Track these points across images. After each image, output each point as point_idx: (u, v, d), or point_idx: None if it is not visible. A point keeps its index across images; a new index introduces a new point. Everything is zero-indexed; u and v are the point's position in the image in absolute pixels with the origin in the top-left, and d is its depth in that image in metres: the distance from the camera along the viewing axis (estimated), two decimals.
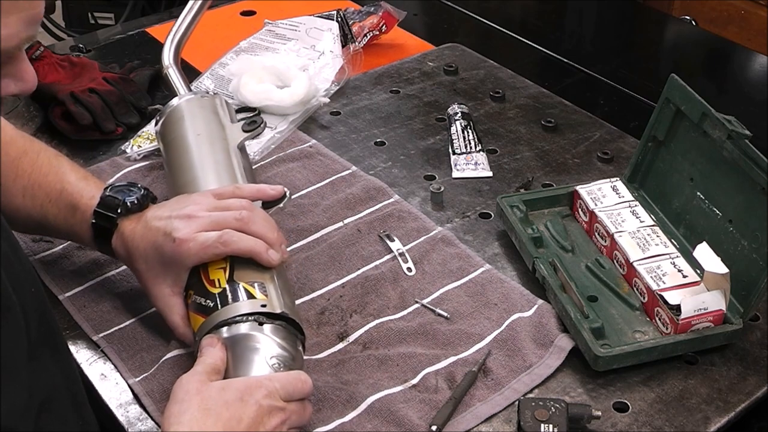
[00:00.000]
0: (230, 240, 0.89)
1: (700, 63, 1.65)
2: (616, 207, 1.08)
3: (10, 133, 0.99)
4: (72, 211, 0.96)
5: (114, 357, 0.94)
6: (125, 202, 0.95)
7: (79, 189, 0.97)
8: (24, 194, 0.96)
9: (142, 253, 0.92)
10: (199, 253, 0.89)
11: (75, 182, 0.97)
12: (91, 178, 1.00)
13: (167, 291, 0.91)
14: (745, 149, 0.95)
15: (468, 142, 1.27)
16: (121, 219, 0.94)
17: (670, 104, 1.06)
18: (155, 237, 0.91)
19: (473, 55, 1.53)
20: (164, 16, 1.73)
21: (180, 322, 0.91)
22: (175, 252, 0.89)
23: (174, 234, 0.89)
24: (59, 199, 0.96)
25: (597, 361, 0.92)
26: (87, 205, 0.96)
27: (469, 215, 1.16)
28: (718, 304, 0.93)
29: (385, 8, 1.53)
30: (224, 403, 0.76)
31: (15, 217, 0.97)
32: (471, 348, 0.95)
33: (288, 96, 1.31)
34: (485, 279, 1.04)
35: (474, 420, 0.88)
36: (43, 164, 0.97)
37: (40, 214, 0.97)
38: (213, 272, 0.90)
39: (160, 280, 0.91)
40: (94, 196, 0.96)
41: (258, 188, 0.99)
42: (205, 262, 0.90)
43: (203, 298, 0.89)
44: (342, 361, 0.93)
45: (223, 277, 0.89)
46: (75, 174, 0.98)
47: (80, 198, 0.96)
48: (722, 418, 0.89)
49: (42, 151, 0.99)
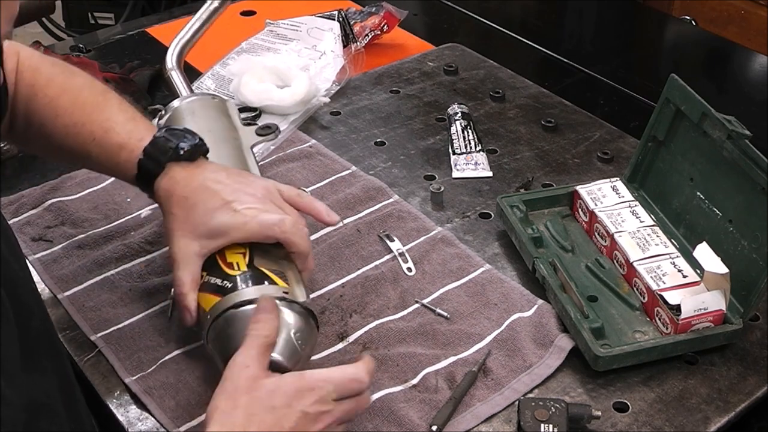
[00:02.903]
0: (288, 230, 0.89)
1: (700, 63, 1.65)
2: (616, 207, 1.08)
3: (46, 72, 0.97)
4: (118, 150, 0.94)
5: (112, 357, 0.94)
6: (178, 147, 0.93)
7: (127, 130, 0.95)
8: (66, 133, 0.95)
9: (186, 204, 0.90)
10: (254, 230, 0.88)
11: (123, 123, 0.95)
12: (141, 119, 0.98)
13: (194, 247, 0.89)
14: (745, 149, 0.95)
15: (468, 142, 1.27)
16: (171, 163, 0.93)
17: (670, 104, 1.06)
18: (210, 198, 0.90)
19: (473, 55, 1.53)
20: (164, 16, 1.73)
21: (188, 281, 0.88)
22: (230, 221, 0.88)
23: (235, 205, 0.89)
24: (104, 138, 0.94)
25: (597, 361, 0.92)
26: (135, 146, 0.93)
27: (469, 215, 1.16)
28: (718, 304, 0.93)
29: (386, 8, 1.54)
30: (271, 408, 0.75)
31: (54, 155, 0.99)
32: (471, 348, 0.95)
33: (288, 96, 1.31)
34: (485, 279, 1.04)
35: (474, 420, 0.88)
36: (87, 102, 0.96)
37: (82, 152, 0.95)
38: (231, 256, 0.89)
39: (191, 236, 0.89)
40: (143, 138, 0.94)
41: (318, 206, 0.97)
42: (254, 240, 0.89)
43: (219, 279, 0.88)
44: (342, 362, 0.93)
45: (243, 262, 0.88)
46: (123, 114, 0.97)
47: (128, 138, 0.94)
48: (722, 418, 0.89)
49: (85, 87, 0.98)
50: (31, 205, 1.15)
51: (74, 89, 0.97)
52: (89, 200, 1.16)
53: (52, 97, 0.96)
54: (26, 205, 1.15)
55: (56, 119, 0.95)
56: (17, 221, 1.12)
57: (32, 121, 0.96)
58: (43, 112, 0.95)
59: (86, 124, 0.95)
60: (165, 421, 0.87)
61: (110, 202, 1.16)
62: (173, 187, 0.92)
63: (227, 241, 0.89)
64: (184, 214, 0.90)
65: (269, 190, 0.93)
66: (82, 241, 1.09)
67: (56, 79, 0.97)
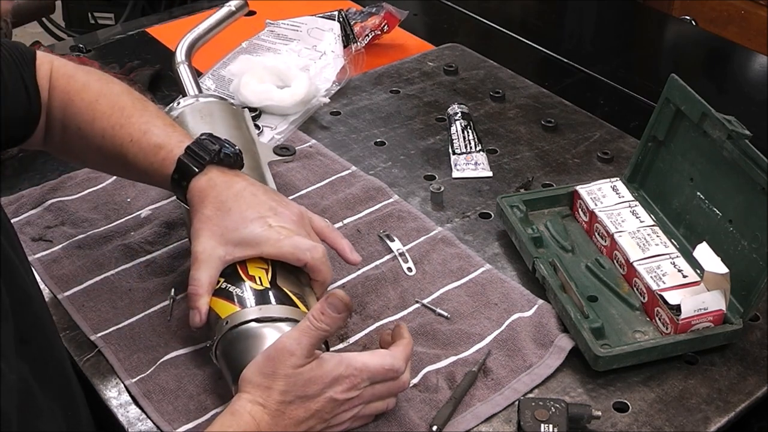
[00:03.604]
0: (319, 258, 0.89)
1: (700, 63, 1.65)
2: (616, 207, 1.08)
3: (81, 79, 0.98)
4: (156, 149, 0.94)
5: (111, 357, 0.94)
6: (221, 151, 0.93)
7: (166, 133, 0.96)
8: (103, 135, 0.96)
9: (222, 207, 0.90)
10: (286, 250, 0.89)
11: (162, 126, 0.96)
12: (178, 127, 0.99)
13: (219, 252, 0.88)
14: (745, 149, 0.95)
15: (468, 142, 1.27)
16: (211, 165, 0.93)
17: (670, 104, 1.06)
18: (247, 208, 0.90)
19: (473, 55, 1.53)
20: (164, 16, 1.73)
21: (205, 282, 0.88)
22: (264, 234, 0.89)
23: (271, 221, 0.89)
24: (142, 138, 0.95)
25: (597, 361, 0.92)
26: (175, 146, 0.94)
27: (469, 215, 1.16)
28: (718, 304, 0.93)
29: (386, 9, 1.53)
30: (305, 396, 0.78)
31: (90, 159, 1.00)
32: (471, 348, 0.95)
33: (288, 96, 1.31)
34: (485, 279, 1.04)
35: (474, 420, 0.88)
36: (126, 106, 0.97)
37: (119, 154, 0.96)
38: (253, 270, 0.89)
39: (219, 239, 0.89)
40: (183, 141, 0.94)
41: (343, 243, 0.97)
42: (282, 260, 0.89)
43: (239, 289, 0.87)
44: None
45: (265, 278, 0.88)
46: (162, 120, 0.98)
47: (167, 140, 0.95)
48: (722, 418, 0.89)
49: (124, 93, 0.99)
50: (31, 205, 1.15)
51: (112, 94, 0.98)
52: (89, 200, 1.16)
53: (90, 101, 0.97)
54: (26, 205, 1.15)
55: (94, 122, 0.96)
56: (17, 221, 1.12)
57: (69, 127, 0.97)
58: (80, 117, 0.96)
59: (124, 126, 0.95)
60: (162, 425, 0.87)
61: (110, 202, 1.16)
62: (210, 189, 0.91)
63: (256, 254, 0.89)
64: (217, 217, 0.90)
65: (302, 216, 0.94)
66: (82, 241, 1.09)
67: (92, 85, 0.98)
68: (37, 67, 0.97)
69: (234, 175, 0.94)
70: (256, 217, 0.90)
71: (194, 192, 0.92)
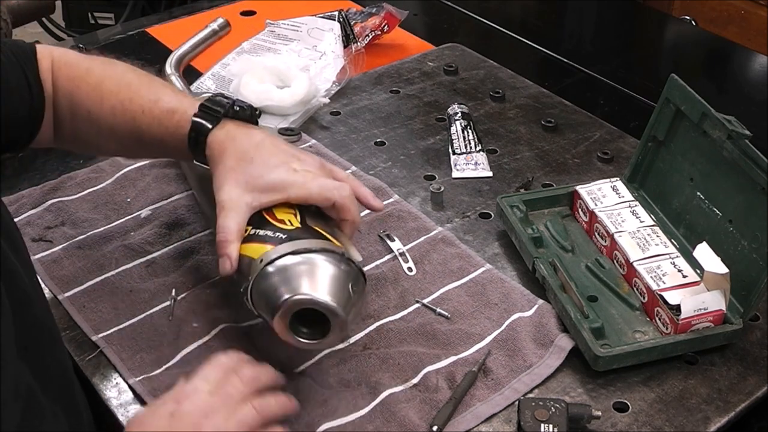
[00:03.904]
0: (347, 196, 0.89)
1: (700, 63, 1.65)
2: (616, 207, 1.08)
3: (84, 65, 0.98)
4: (169, 114, 0.94)
5: (113, 357, 0.94)
6: (235, 104, 0.93)
7: (178, 98, 0.95)
8: (114, 113, 0.95)
9: (245, 157, 0.89)
10: (314, 191, 0.88)
11: (171, 94, 0.96)
12: (188, 95, 0.99)
13: (246, 198, 0.87)
14: (745, 149, 0.95)
15: (468, 142, 1.27)
16: (227, 120, 0.92)
17: (670, 104, 1.06)
18: (270, 156, 0.89)
19: (473, 55, 1.53)
20: (164, 16, 1.73)
21: (234, 229, 0.86)
22: (291, 178, 0.88)
23: (295, 165, 0.89)
24: (154, 107, 0.94)
25: (597, 361, 0.92)
26: (188, 108, 0.93)
27: (469, 215, 1.16)
28: (718, 304, 0.93)
29: (386, 9, 1.53)
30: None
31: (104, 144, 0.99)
32: (471, 348, 0.95)
33: (288, 96, 1.31)
34: (485, 279, 1.04)
35: (474, 420, 0.88)
36: (132, 82, 0.97)
37: (132, 128, 0.95)
38: (281, 214, 0.88)
39: (245, 187, 0.88)
40: (195, 104, 0.94)
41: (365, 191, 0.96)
42: (310, 202, 0.89)
43: (271, 231, 0.86)
44: (343, 360, 0.93)
45: (295, 220, 0.88)
46: (170, 89, 0.98)
47: (179, 104, 0.94)
48: (722, 418, 0.89)
49: (128, 71, 0.99)
50: (31, 205, 1.15)
51: (116, 74, 0.98)
52: (89, 200, 1.16)
53: (95, 84, 0.96)
54: (26, 205, 1.15)
55: (102, 103, 0.96)
56: (17, 221, 1.11)
57: (78, 113, 0.97)
58: (88, 101, 0.96)
59: (134, 99, 0.95)
60: None
61: (110, 202, 1.16)
62: (229, 142, 0.91)
63: (283, 198, 0.88)
64: (240, 167, 0.89)
65: (324, 164, 0.94)
66: (82, 242, 1.09)
67: (96, 68, 0.98)
68: (39, 62, 0.96)
69: (251, 128, 0.93)
70: (279, 163, 0.89)
71: (213, 146, 0.91)
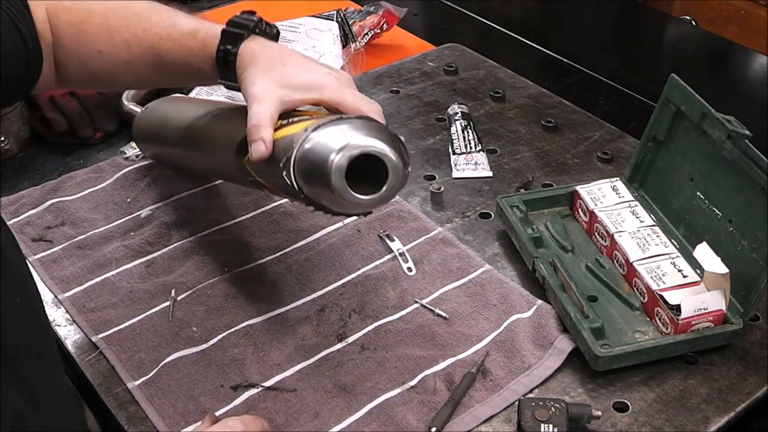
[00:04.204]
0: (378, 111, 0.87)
1: (700, 63, 1.65)
2: (616, 207, 1.08)
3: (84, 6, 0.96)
4: (192, 35, 0.92)
5: (113, 358, 0.94)
6: (261, 21, 0.92)
7: (196, 20, 0.94)
8: (128, 46, 0.94)
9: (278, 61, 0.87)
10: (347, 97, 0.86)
11: (187, 17, 0.94)
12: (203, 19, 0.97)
13: (279, 92, 0.85)
14: (745, 149, 0.95)
15: (468, 142, 1.27)
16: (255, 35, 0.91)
17: (670, 104, 1.06)
18: (303, 62, 0.89)
19: (473, 55, 1.53)
20: None
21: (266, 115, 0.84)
22: (324, 79, 0.87)
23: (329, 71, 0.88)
24: (173, 32, 0.93)
25: (597, 361, 0.92)
26: (210, 26, 0.92)
27: (469, 215, 1.16)
28: (718, 304, 0.93)
29: (385, 7, 1.54)
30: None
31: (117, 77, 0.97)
32: (469, 349, 0.95)
33: None
34: (485, 279, 1.04)
35: (473, 421, 0.88)
36: (140, 12, 0.95)
37: (150, 57, 0.94)
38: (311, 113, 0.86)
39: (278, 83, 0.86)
40: (215, 24, 0.92)
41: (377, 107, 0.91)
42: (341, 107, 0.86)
43: (306, 116, 0.84)
44: (340, 363, 0.93)
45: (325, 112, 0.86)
46: (181, 13, 0.96)
47: (200, 24, 0.92)
48: (722, 418, 0.89)
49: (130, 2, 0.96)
50: (31, 205, 1.15)
51: (119, 7, 0.95)
52: (89, 200, 1.16)
53: (100, 22, 0.94)
54: (26, 205, 1.15)
55: (113, 39, 0.94)
56: (17, 221, 1.12)
57: (87, 53, 0.95)
58: (97, 41, 0.94)
59: (147, 29, 0.93)
60: (161, 427, 0.87)
61: (110, 202, 1.16)
62: (261, 50, 0.89)
63: (316, 98, 0.87)
64: (272, 68, 0.87)
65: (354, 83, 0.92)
66: (82, 242, 1.09)
67: (96, 8, 0.96)
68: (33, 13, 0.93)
69: (279, 44, 0.92)
70: (313, 67, 0.88)
71: (244, 55, 0.89)
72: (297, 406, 0.88)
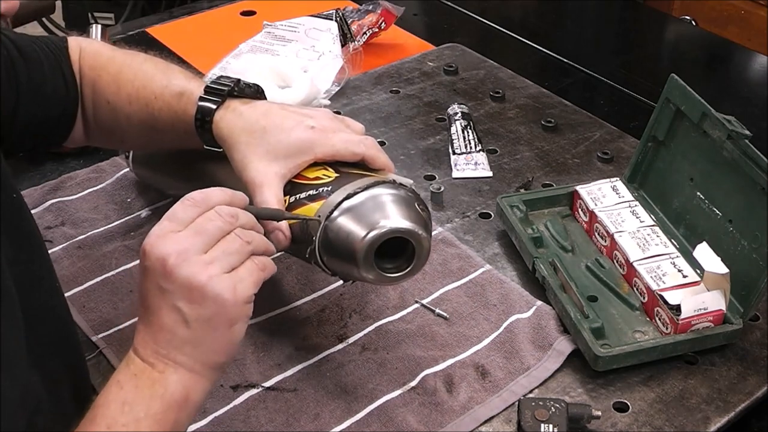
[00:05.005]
0: (373, 145, 0.87)
1: (700, 63, 1.65)
2: (616, 207, 1.08)
3: (107, 54, 0.98)
4: (178, 97, 0.92)
5: (113, 358, 0.94)
6: (240, 82, 0.91)
7: (187, 81, 0.94)
8: (129, 101, 0.95)
9: (256, 127, 0.86)
10: (339, 146, 0.86)
11: (183, 77, 0.95)
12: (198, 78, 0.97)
13: (275, 168, 0.85)
14: (745, 149, 0.95)
15: (468, 142, 1.27)
16: (232, 98, 0.90)
17: (670, 104, 1.06)
18: (283, 119, 0.87)
19: (473, 55, 1.53)
20: (164, 16, 1.73)
21: (275, 202, 0.84)
22: (313, 137, 0.86)
23: (311, 122, 0.87)
24: (165, 92, 0.93)
25: (597, 361, 0.92)
26: (195, 90, 0.92)
27: (469, 215, 1.16)
28: (718, 304, 0.93)
29: (383, 6, 1.53)
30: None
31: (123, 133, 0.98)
32: (469, 350, 0.95)
33: (289, 97, 1.31)
34: (485, 279, 1.04)
35: (473, 423, 0.87)
36: (149, 71, 0.96)
37: (145, 114, 0.94)
38: (313, 172, 0.86)
39: (269, 158, 0.85)
40: (201, 86, 0.92)
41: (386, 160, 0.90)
42: (337, 158, 0.86)
43: (313, 190, 0.83)
44: (341, 364, 0.93)
45: (330, 172, 0.85)
46: (183, 74, 0.96)
47: (187, 85, 0.93)
48: (722, 418, 0.89)
49: (147, 61, 0.98)
50: (31, 205, 1.15)
51: (135, 63, 0.97)
52: (89, 200, 1.16)
53: (115, 73, 0.96)
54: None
55: (119, 91, 0.95)
56: None
57: (99, 103, 0.97)
58: (108, 90, 0.96)
59: (147, 86, 0.94)
60: None
61: (110, 202, 1.16)
62: (236, 119, 0.88)
63: (310, 159, 0.86)
64: (255, 140, 0.86)
65: (334, 115, 0.91)
66: (82, 242, 1.09)
67: (117, 58, 0.98)
68: (70, 55, 0.97)
69: (256, 102, 0.91)
70: (294, 124, 0.87)
71: (221, 126, 0.89)
72: (297, 406, 0.88)
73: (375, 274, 0.80)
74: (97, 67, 0.97)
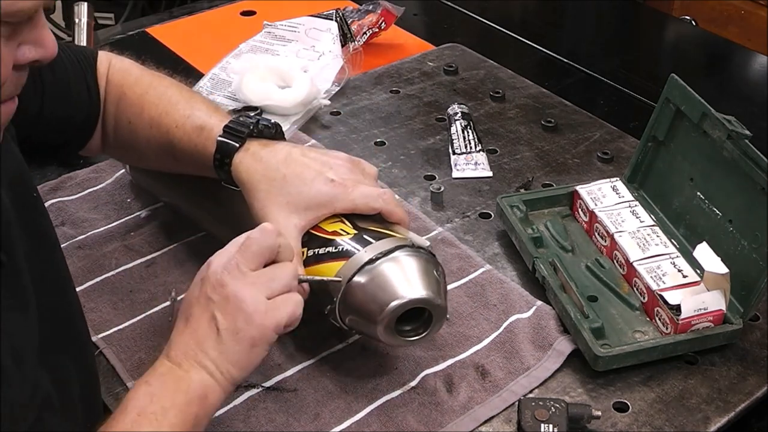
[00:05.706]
0: (390, 200, 0.88)
1: (700, 63, 1.65)
2: (616, 207, 1.08)
3: (135, 73, 0.99)
4: (198, 131, 0.93)
5: (113, 358, 0.94)
6: (259, 123, 0.92)
7: (209, 115, 0.94)
8: (151, 125, 0.95)
9: (276, 175, 0.87)
10: (358, 201, 0.87)
11: (205, 110, 0.95)
12: (221, 110, 0.98)
13: (294, 220, 0.86)
14: (745, 149, 0.95)
15: (468, 142, 1.27)
16: (251, 139, 0.91)
17: (670, 104, 1.06)
18: (303, 170, 0.88)
19: (473, 55, 1.53)
20: (164, 16, 1.73)
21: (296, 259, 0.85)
22: (332, 191, 0.87)
23: (330, 175, 0.88)
24: (186, 123, 0.94)
25: (597, 361, 0.92)
26: (215, 125, 0.92)
27: (469, 215, 1.16)
28: (718, 304, 0.93)
29: (383, 5, 1.53)
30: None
31: (140, 154, 0.99)
32: (469, 350, 0.95)
33: (289, 96, 1.31)
34: (485, 279, 1.04)
35: (472, 423, 0.87)
36: (173, 97, 0.96)
37: (165, 141, 0.95)
38: (330, 226, 0.87)
39: (288, 209, 0.87)
40: (223, 120, 0.93)
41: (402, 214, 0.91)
42: (356, 212, 0.88)
43: (332, 247, 0.85)
44: (341, 364, 0.93)
45: (348, 227, 0.87)
46: (206, 105, 0.97)
47: (208, 120, 0.93)
48: (722, 418, 0.89)
49: (173, 86, 0.99)
50: None
51: (161, 87, 0.98)
52: (89, 200, 1.16)
53: (140, 94, 0.97)
54: None
55: (142, 113, 0.96)
56: None
57: (121, 121, 0.98)
58: (130, 110, 0.97)
59: (170, 113, 0.95)
60: None
61: (110, 202, 1.16)
62: (256, 164, 0.89)
63: (328, 213, 0.87)
64: (275, 189, 0.87)
65: (352, 161, 0.92)
66: (82, 242, 1.09)
67: (144, 79, 0.99)
68: (98, 66, 0.98)
69: (275, 144, 0.92)
70: (314, 175, 0.88)
71: (240, 169, 0.90)
72: (297, 406, 0.88)
73: (394, 338, 0.85)
74: (124, 85, 0.98)
